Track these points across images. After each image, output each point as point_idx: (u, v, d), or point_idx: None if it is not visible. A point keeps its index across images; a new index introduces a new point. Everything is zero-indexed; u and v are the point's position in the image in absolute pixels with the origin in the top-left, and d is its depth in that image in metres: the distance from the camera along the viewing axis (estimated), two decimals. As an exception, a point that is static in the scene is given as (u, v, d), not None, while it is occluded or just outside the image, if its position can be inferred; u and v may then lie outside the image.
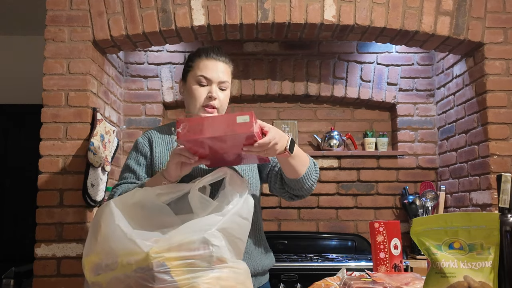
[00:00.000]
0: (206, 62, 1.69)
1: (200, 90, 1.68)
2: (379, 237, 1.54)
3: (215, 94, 1.67)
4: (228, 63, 1.75)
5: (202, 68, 1.68)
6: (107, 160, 2.82)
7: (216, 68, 1.69)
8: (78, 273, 2.60)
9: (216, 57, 1.71)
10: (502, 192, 1.08)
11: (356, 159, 3.46)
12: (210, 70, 1.68)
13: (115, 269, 1.26)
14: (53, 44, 2.75)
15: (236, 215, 1.36)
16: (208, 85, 1.69)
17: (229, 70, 1.74)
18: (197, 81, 1.69)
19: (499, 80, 2.82)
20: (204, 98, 1.68)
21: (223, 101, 1.71)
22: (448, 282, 1.05)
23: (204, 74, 1.68)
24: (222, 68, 1.71)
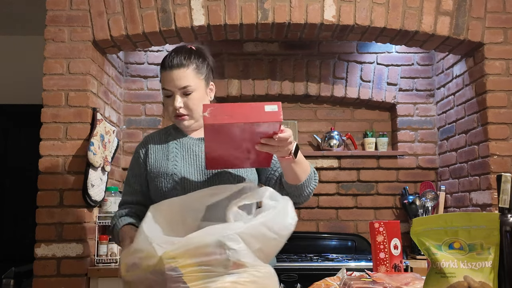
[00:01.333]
0: (164, 74, 1.68)
1: (168, 101, 1.70)
2: (379, 237, 1.54)
3: (178, 104, 1.66)
4: (185, 64, 1.66)
5: (163, 81, 1.69)
6: (107, 160, 2.82)
7: (171, 77, 1.66)
8: (78, 273, 2.61)
9: (171, 66, 1.66)
10: (502, 192, 1.08)
11: (356, 159, 3.46)
12: (167, 82, 1.67)
13: (138, 269, 1.27)
14: (53, 44, 2.75)
15: (263, 225, 1.28)
16: (172, 95, 1.68)
17: (188, 71, 1.66)
18: (164, 94, 1.71)
19: (499, 80, 2.82)
20: (172, 109, 1.69)
21: (192, 105, 1.67)
22: (448, 282, 1.05)
23: (165, 87, 1.68)
24: (178, 75, 1.66)
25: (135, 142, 3.40)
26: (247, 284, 1.23)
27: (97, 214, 2.78)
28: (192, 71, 1.68)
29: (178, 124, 1.74)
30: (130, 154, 3.38)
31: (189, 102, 1.67)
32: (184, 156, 1.70)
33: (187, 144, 1.73)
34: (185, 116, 1.68)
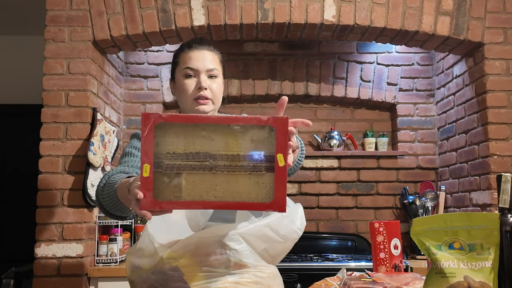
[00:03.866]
0: (189, 54, 1.60)
1: (188, 82, 1.58)
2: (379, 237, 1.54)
3: (205, 84, 1.57)
4: (214, 50, 1.64)
5: (187, 60, 1.60)
6: (107, 160, 2.82)
7: (200, 57, 1.59)
8: (78, 273, 2.61)
9: (199, 47, 1.60)
10: (502, 192, 1.08)
11: (356, 159, 3.46)
12: (194, 60, 1.58)
13: (141, 269, 1.27)
14: (53, 44, 2.75)
15: (267, 227, 1.26)
16: (196, 76, 1.59)
17: (216, 57, 1.63)
18: (184, 75, 1.60)
19: (499, 80, 2.82)
20: (194, 90, 1.58)
21: (216, 91, 1.60)
22: (448, 282, 1.05)
23: (189, 65, 1.59)
24: (208, 56, 1.60)
25: (135, 142, 3.40)
26: (249, 284, 1.22)
27: (97, 214, 2.78)
28: (219, 58, 1.65)
29: (194, 110, 1.60)
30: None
31: (214, 85, 1.59)
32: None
33: None
34: (208, 100, 1.59)
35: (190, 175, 1.02)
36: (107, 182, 1.48)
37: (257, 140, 1.03)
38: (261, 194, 1.02)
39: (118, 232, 2.78)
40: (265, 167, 1.03)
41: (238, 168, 1.03)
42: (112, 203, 1.45)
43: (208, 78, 1.59)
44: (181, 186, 1.02)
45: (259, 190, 1.02)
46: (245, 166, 1.03)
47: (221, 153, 1.03)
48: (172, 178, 1.02)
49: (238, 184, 1.02)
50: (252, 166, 1.03)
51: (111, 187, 1.45)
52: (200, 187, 1.02)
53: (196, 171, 1.02)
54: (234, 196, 1.02)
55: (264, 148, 1.03)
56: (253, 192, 1.02)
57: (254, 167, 1.03)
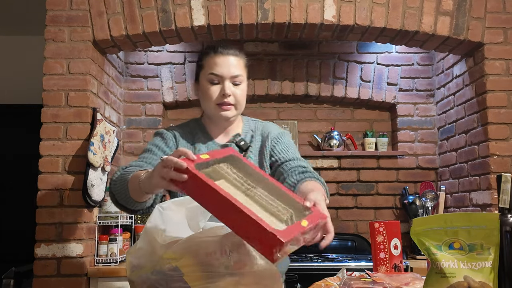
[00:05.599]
0: (215, 59, 1.62)
1: (212, 88, 1.62)
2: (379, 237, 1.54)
3: (229, 91, 1.60)
4: (239, 55, 1.66)
5: (212, 65, 1.62)
6: (107, 160, 2.82)
7: (226, 63, 1.61)
8: (78, 273, 2.61)
9: (225, 52, 1.63)
10: (502, 192, 1.08)
11: (356, 159, 3.46)
12: (219, 66, 1.61)
13: (141, 269, 1.27)
14: (53, 44, 2.75)
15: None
16: (220, 82, 1.62)
17: (241, 63, 1.66)
18: (208, 80, 1.63)
19: (499, 80, 2.82)
20: (218, 96, 1.61)
21: (239, 97, 1.64)
22: (448, 282, 1.05)
23: (214, 71, 1.61)
24: (233, 62, 1.63)
25: (135, 142, 3.40)
26: (250, 284, 1.22)
27: (97, 214, 2.78)
28: (243, 63, 1.67)
29: (218, 114, 1.64)
30: (130, 154, 3.39)
31: (237, 92, 1.63)
32: None
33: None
34: (231, 106, 1.62)
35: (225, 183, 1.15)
36: (121, 173, 1.53)
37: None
38: (275, 224, 1.09)
39: (118, 232, 2.78)
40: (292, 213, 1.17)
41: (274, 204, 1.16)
42: (123, 193, 1.49)
43: (232, 84, 1.62)
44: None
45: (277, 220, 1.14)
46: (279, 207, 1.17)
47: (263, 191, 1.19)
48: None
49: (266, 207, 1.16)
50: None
51: (124, 178, 1.50)
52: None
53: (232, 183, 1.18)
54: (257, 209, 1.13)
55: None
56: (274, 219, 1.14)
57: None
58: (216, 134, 1.72)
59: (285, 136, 1.76)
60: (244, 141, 1.69)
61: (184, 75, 3.46)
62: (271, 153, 1.69)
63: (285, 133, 1.78)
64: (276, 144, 1.70)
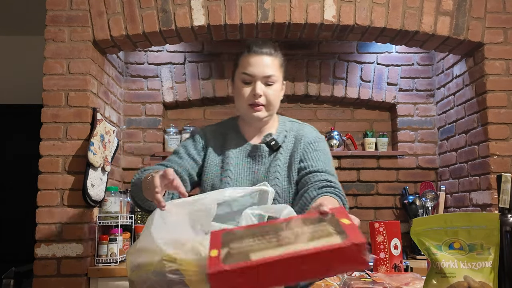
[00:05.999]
0: (248, 58, 1.61)
1: (244, 88, 1.61)
2: (379, 237, 1.54)
3: (259, 91, 1.59)
4: (274, 54, 1.63)
5: (245, 65, 1.61)
6: (107, 160, 2.82)
7: (259, 62, 1.60)
8: (78, 273, 2.61)
9: (259, 51, 1.61)
10: (502, 192, 1.08)
11: (356, 159, 3.46)
12: (252, 66, 1.59)
13: (141, 269, 1.27)
14: (53, 44, 2.75)
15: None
16: (253, 82, 1.60)
17: (276, 62, 1.63)
18: (241, 80, 1.62)
19: (499, 80, 2.82)
20: (249, 96, 1.60)
21: (271, 97, 1.62)
22: (448, 282, 1.05)
23: (246, 71, 1.60)
24: (267, 62, 1.60)
25: (135, 142, 3.40)
26: None
27: (97, 214, 2.78)
28: (278, 63, 1.64)
29: (249, 115, 1.64)
30: (130, 154, 3.39)
31: (269, 92, 1.61)
32: (238, 167, 1.63)
33: (243, 153, 1.66)
34: (262, 106, 1.62)
35: (258, 252, 0.99)
36: (141, 172, 1.58)
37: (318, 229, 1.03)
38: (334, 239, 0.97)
39: (118, 232, 2.78)
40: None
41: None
42: (139, 192, 1.52)
43: (264, 85, 1.61)
44: (249, 256, 0.98)
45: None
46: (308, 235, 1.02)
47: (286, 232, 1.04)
48: (239, 256, 0.99)
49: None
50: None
51: (141, 177, 1.54)
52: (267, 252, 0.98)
53: (263, 247, 1.00)
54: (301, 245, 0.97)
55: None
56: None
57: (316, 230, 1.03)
58: (250, 134, 1.71)
59: (320, 142, 1.71)
60: (275, 141, 1.66)
61: (184, 75, 3.46)
62: (302, 158, 1.65)
63: (320, 139, 1.73)
64: (308, 151, 1.66)
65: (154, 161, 3.37)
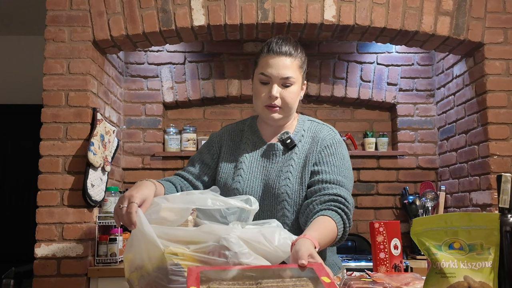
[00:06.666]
0: (267, 58, 1.57)
1: (261, 88, 1.59)
2: (379, 237, 1.54)
3: (275, 93, 1.56)
4: (294, 54, 1.59)
5: (264, 65, 1.58)
6: (107, 160, 2.82)
7: (277, 63, 1.56)
8: (78, 273, 2.61)
9: (278, 51, 1.57)
10: (502, 192, 1.07)
11: (356, 159, 3.46)
12: (270, 67, 1.56)
13: (142, 268, 1.27)
14: (53, 44, 2.75)
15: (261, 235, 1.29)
16: (270, 83, 1.58)
17: (295, 63, 1.59)
18: (259, 80, 1.59)
19: (499, 80, 2.82)
20: (265, 97, 1.58)
21: (288, 99, 1.59)
22: (448, 282, 1.05)
23: (264, 72, 1.57)
24: (285, 63, 1.57)
25: (135, 142, 3.40)
26: None
27: (97, 214, 2.78)
28: (297, 64, 1.61)
29: (265, 116, 1.62)
30: (130, 154, 3.39)
31: (286, 94, 1.58)
32: (251, 167, 1.63)
33: (258, 152, 1.66)
34: (278, 108, 1.59)
35: None
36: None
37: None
38: None
39: (118, 232, 2.78)
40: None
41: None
42: None
43: (282, 86, 1.58)
44: None
45: None
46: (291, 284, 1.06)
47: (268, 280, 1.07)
48: None
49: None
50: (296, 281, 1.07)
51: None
52: None
53: None
54: None
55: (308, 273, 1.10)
56: None
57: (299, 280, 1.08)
58: (267, 133, 1.69)
59: (338, 147, 1.66)
60: (290, 139, 1.63)
61: (184, 75, 3.46)
62: (316, 161, 1.62)
63: (339, 142, 1.68)
64: (324, 155, 1.63)
65: (154, 161, 3.37)
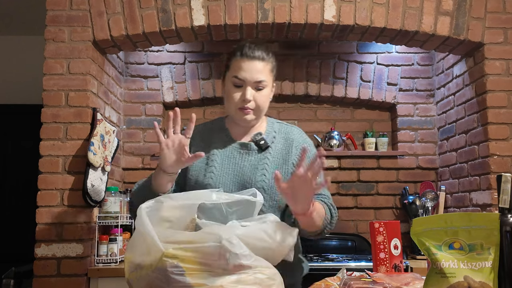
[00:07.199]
0: (240, 62, 1.61)
1: (235, 92, 1.62)
2: (379, 237, 1.54)
3: (249, 97, 1.61)
4: (266, 59, 1.64)
5: (236, 69, 1.61)
6: (107, 160, 2.82)
7: (250, 68, 1.60)
8: (78, 273, 2.61)
9: (251, 56, 1.61)
10: (502, 192, 1.08)
11: (356, 159, 3.46)
12: (243, 71, 1.60)
13: (141, 269, 1.27)
14: (53, 44, 2.75)
15: (263, 232, 1.30)
16: (243, 86, 1.62)
17: (267, 67, 1.65)
18: (232, 83, 1.63)
19: (499, 80, 2.82)
20: (239, 100, 1.62)
21: (260, 102, 1.64)
22: (448, 282, 1.05)
23: (237, 75, 1.61)
24: (258, 67, 1.62)
25: (135, 142, 3.40)
26: (250, 285, 1.23)
27: (97, 214, 2.78)
28: (269, 68, 1.66)
29: (238, 117, 1.66)
30: (130, 154, 3.39)
31: (259, 97, 1.63)
32: (223, 163, 1.65)
33: (228, 150, 1.67)
34: (251, 110, 1.64)
35: None
36: (140, 182, 1.66)
37: None
38: None
39: (118, 232, 2.78)
40: None
41: None
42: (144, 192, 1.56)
43: (255, 89, 1.62)
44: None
45: None
46: None
47: None
48: None
49: None
50: None
51: (143, 181, 1.63)
52: None
53: None
54: None
55: None
56: None
57: None
58: (237, 133, 1.72)
59: (311, 148, 1.76)
60: (264, 140, 1.69)
61: (184, 75, 3.46)
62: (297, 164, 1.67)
63: (311, 144, 1.79)
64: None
65: (154, 161, 3.37)
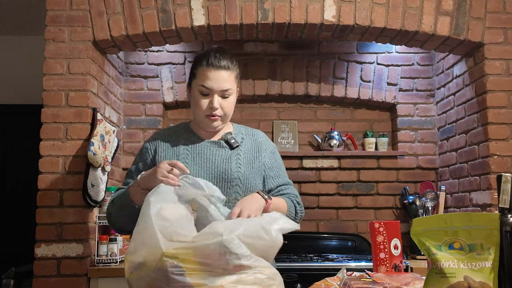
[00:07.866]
0: (207, 72, 1.69)
1: (202, 100, 1.70)
2: (379, 237, 1.54)
3: (216, 105, 1.69)
4: (231, 68, 1.73)
5: (203, 78, 1.69)
6: (107, 160, 2.82)
7: (216, 77, 1.68)
8: (78, 273, 2.61)
9: (217, 65, 1.70)
10: (502, 192, 1.08)
11: (356, 159, 3.46)
12: (210, 80, 1.68)
13: (141, 269, 1.27)
14: (53, 44, 2.75)
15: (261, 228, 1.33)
16: (210, 94, 1.70)
17: (232, 76, 1.73)
18: (199, 91, 1.70)
19: (499, 80, 2.82)
20: (206, 108, 1.70)
21: (227, 109, 1.72)
22: (448, 282, 1.05)
23: (204, 84, 1.69)
24: (224, 76, 1.70)
25: (135, 142, 3.40)
26: (250, 285, 1.23)
27: (97, 214, 2.78)
28: (234, 76, 1.74)
29: (205, 124, 1.74)
30: (130, 154, 3.39)
31: (225, 104, 1.71)
32: (195, 158, 1.71)
33: (199, 147, 1.75)
34: (218, 117, 1.71)
35: None
36: (115, 196, 1.69)
37: None
38: None
39: (118, 232, 2.78)
40: None
41: None
42: (123, 212, 1.62)
43: (221, 97, 1.71)
44: None
45: None
46: None
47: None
48: None
49: None
50: None
51: (121, 196, 1.66)
52: None
53: None
54: None
55: None
56: None
57: None
58: (205, 135, 1.80)
59: (277, 151, 1.89)
60: (234, 139, 1.78)
61: (184, 75, 3.46)
62: (268, 167, 1.80)
63: (275, 147, 1.91)
64: (273, 161, 1.83)
65: (154, 161, 3.37)
